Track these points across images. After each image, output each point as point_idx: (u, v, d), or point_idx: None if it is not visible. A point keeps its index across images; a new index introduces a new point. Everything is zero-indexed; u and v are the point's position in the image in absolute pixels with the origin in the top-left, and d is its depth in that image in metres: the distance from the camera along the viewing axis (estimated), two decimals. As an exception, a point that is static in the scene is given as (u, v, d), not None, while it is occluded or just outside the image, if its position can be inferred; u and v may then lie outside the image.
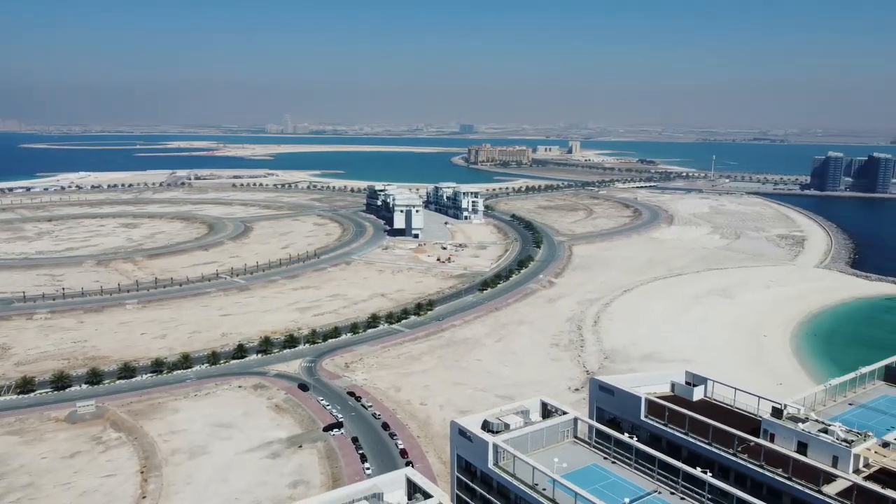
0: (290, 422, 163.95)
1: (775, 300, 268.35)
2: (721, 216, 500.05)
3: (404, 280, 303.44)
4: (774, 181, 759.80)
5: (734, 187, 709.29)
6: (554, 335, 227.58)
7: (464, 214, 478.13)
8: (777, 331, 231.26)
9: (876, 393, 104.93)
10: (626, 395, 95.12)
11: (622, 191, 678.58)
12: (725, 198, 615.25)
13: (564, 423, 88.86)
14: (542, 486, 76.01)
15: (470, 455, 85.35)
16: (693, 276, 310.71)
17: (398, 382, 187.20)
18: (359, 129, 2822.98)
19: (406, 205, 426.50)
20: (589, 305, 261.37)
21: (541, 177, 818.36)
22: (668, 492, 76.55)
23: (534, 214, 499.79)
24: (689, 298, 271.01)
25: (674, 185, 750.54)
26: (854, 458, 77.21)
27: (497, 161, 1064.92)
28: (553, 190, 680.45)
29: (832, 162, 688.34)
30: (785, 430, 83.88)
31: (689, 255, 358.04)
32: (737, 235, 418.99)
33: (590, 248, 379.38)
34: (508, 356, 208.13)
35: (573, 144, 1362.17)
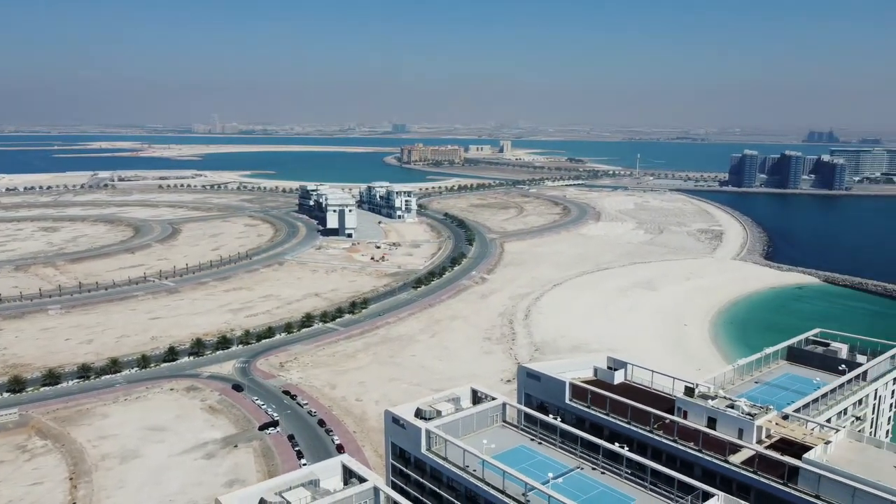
0: (225, 422, 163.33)
1: (695, 291, 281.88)
2: (645, 212, 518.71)
3: (338, 279, 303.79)
4: (695, 178, 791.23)
5: (658, 184, 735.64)
6: (486, 329, 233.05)
7: (397, 213, 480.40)
8: (697, 319, 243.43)
9: (779, 371, 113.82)
10: (551, 381, 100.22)
11: (552, 189, 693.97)
12: (650, 195, 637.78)
13: (493, 409, 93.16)
14: (472, 467, 79.84)
15: (404, 442, 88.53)
16: (619, 269, 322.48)
17: (334, 380, 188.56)
18: (289, 129, 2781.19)
19: (339, 204, 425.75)
20: (520, 300, 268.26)
21: (473, 176, 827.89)
22: (590, 467, 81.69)
23: (466, 213, 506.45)
24: (615, 291, 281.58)
25: (601, 182, 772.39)
26: (757, 429, 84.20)
27: (430, 160, 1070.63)
28: (485, 188, 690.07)
29: (748, 160, 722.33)
30: (696, 408, 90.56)
31: (616, 249, 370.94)
32: (660, 230, 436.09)
33: (521, 244, 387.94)
34: (442, 351, 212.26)
35: (504, 144, 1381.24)
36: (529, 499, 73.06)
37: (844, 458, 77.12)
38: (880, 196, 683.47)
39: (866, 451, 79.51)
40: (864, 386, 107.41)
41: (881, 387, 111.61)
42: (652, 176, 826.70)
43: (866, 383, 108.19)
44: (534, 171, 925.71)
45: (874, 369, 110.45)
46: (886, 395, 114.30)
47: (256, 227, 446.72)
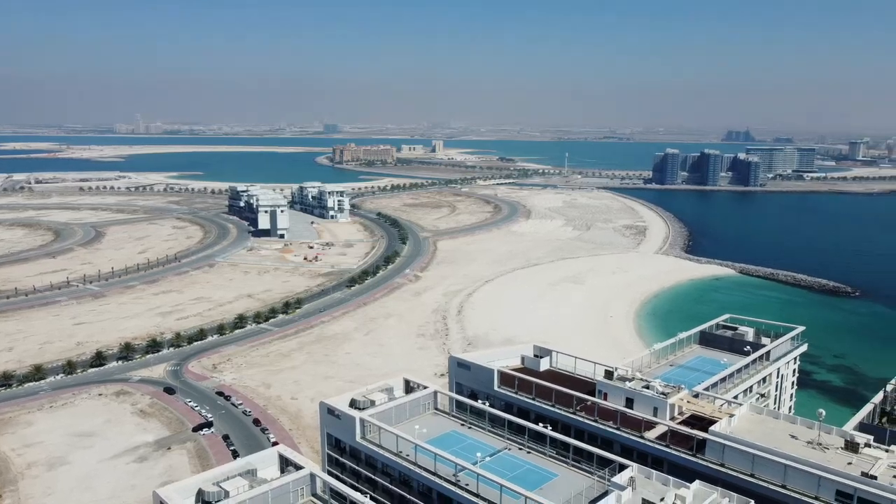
0: (157, 425, 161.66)
1: (621, 284, 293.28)
2: (574, 209, 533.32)
3: (271, 280, 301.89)
4: (621, 176, 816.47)
5: (586, 182, 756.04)
6: (420, 326, 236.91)
7: (330, 213, 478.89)
8: (622, 311, 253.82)
9: (692, 354, 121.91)
10: (480, 370, 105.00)
11: (483, 188, 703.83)
12: (578, 192, 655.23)
13: (426, 397, 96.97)
14: (405, 452, 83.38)
15: (339, 432, 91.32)
16: (548, 265, 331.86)
17: (268, 380, 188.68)
18: (217, 128, 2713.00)
19: (270, 205, 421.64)
20: (453, 296, 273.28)
21: (406, 175, 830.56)
22: (517, 448, 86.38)
23: (399, 212, 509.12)
24: (544, 285, 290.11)
25: (531, 181, 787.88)
26: (669, 407, 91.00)
27: (362, 160, 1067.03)
28: (418, 188, 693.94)
29: (670, 158, 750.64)
30: (615, 389, 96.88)
31: (545, 246, 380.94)
32: (587, 227, 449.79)
33: (453, 242, 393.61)
34: (377, 348, 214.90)
35: (437, 143, 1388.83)
36: (460, 479, 77.12)
37: (746, 430, 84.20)
38: (791, 192, 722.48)
39: (765, 423, 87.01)
40: (767, 365, 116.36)
41: (783, 366, 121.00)
42: (580, 174, 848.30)
43: (769, 363, 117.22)
44: (466, 170, 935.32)
45: (776, 350, 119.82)
46: (788, 373, 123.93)
47: (185, 230, 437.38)
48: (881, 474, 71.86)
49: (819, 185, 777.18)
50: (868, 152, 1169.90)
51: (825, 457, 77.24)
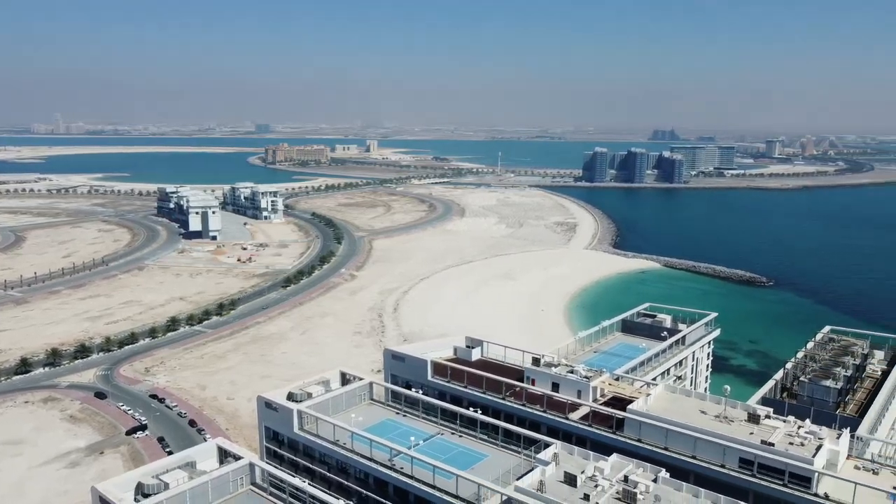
0: (89, 430, 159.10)
1: (552, 279, 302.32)
2: (507, 207, 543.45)
3: (204, 282, 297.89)
4: (553, 175, 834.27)
5: (519, 181, 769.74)
6: (357, 324, 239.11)
7: (263, 214, 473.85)
8: (553, 304, 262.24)
9: (614, 341, 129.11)
10: (414, 361, 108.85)
11: (418, 187, 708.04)
12: (511, 191, 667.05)
13: (361, 388, 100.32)
14: (342, 441, 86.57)
15: (277, 424, 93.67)
16: (482, 262, 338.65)
17: (203, 381, 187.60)
18: (143, 128, 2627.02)
19: (202, 206, 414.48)
20: (389, 294, 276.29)
21: (340, 175, 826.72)
22: (450, 433, 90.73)
23: (334, 212, 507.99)
24: (478, 282, 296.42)
25: (465, 180, 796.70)
26: (592, 389, 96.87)
27: (295, 160, 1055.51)
28: (352, 188, 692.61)
29: (599, 157, 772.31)
30: (542, 375, 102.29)
31: (479, 243, 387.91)
32: (520, 224, 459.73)
33: (389, 241, 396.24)
34: (313, 346, 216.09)
35: (371, 143, 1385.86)
36: (395, 463, 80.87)
37: (661, 408, 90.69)
38: (713, 188, 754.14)
39: (678, 401, 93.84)
40: (683, 349, 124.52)
41: (698, 349, 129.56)
42: (513, 173, 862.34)
43: (685, 347, 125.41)
44: (400, 169, 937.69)
45: (691, 335, 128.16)
46: (702, 356, 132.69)
47: (112, 233, 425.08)
48: (778, 442, 79.14)
49: (738, 181, 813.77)
50: (783, 150, 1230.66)
51: (730, 428, 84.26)
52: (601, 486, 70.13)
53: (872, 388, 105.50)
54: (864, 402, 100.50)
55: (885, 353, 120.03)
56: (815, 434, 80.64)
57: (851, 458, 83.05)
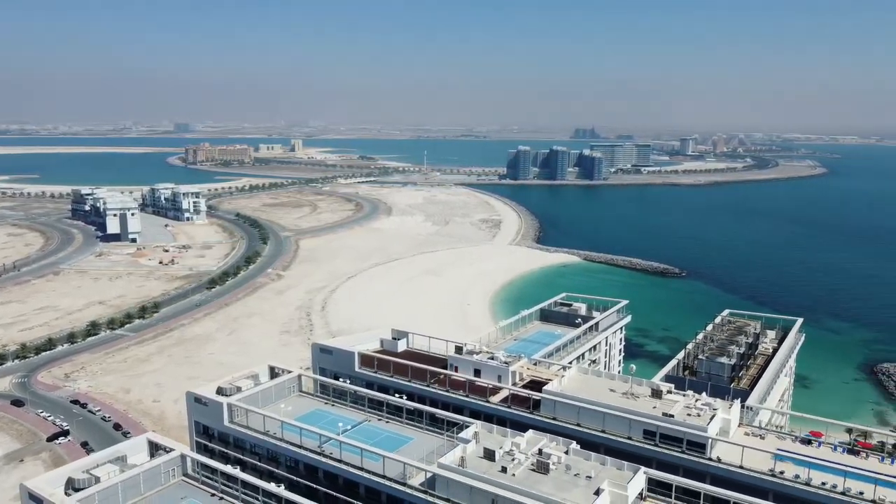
0: (6, 439, 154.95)
1: (477, 274, 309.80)
2: (433, 206, 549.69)
3: (125, 285, 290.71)
4: (478, 173, 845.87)
5: (445, 180, 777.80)
6: (284, 323, 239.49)
7: (185, 215, 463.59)
8: (478, 299, 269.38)
9: (533, 329, 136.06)
10: (342, 353, 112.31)
11: (345, 186, 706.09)
12: (437, 189, 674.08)
13: (290, 380, 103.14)
14: (272, 431, 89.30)
15: (206, 418, 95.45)
16: (409, 259, 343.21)
17: (127, 384, 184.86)
18: (53, 128, 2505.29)
19: (120, 208, 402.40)
20: (317, 293, 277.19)
21: (264, 175, 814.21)
22: (377, 419, 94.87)
23: (259, 212, 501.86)
24: (405, 278, 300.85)
25: (392, 179, 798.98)
26: (511, 374, 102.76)
27: (218, 160, 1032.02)
28: (278, 187, 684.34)
29: (522, 155, 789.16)
30: (464, 362, 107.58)
31: (406, 241, 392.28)
32: (446, 222, 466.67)
33: (316, 241, 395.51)
34: (241, 346, 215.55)
35: (296, 143, 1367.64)
36: (324, 449, 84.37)
37: (574, 388, 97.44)
38: (631, 185, 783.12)
39: (589, 381, 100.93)
40: (596, 335, 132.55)
41: (610, 335, 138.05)
42: (439, 172, 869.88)
43: (598, 332, 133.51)
44: (326, 169, 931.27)
45: (604, 321, 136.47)
46: (615, 341, 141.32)
47: (23, 237, 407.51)
48: (678, 413, 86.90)
49: (654, 178, 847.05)
50: (697, 148, 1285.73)
51: (636, 404, 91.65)
52: (518, 460, 75.74)
53: (763, 363, 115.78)
54: (756, 376, 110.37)
55: (776, 333, 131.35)
56: (710, 405, 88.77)
57: (742, 425, 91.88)
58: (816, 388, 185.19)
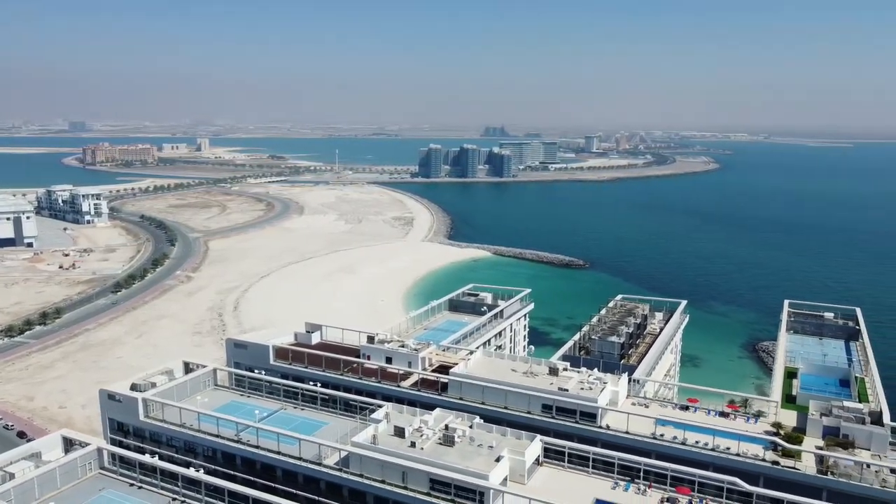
0: None
1: (391, 271, 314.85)
2: (346, 204, 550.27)
3: (22, 292, 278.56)
4: (390, 171, 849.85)
5: (357, 178, 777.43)
6: (195, 324, 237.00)
7: (86, 218, 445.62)
8: (392, 294, 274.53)
9: (442, 319, 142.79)
10: (256, 347, 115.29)
11: (255, 186, 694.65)
12: (349, 188, 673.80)
13: (205, 374, 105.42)
14: (189, 423, 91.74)
15: (121, 415, 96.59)
16: (322, 257, 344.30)
17: (30, 392, 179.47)
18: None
19: (13, 211, 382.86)
20: (228, 294, 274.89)
21: (170, 175, 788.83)
22: (292, 407, 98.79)
23: (166, 213, 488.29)
24: (320, 277, 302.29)
25: (303, 178, 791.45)
26: (421, 360, 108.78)
27: (119, 161, 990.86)
28: (184, 188, 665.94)
29: (433, 153, 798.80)
30: (376, 351, 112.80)
31: (319, 240, 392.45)
32: (359, 220, 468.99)
33: (226, 241, 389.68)
34: (150, 349, 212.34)
35: (202, 142, 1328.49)
36: (241, 437, 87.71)
37: (479, 370, 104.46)
38: (539, 181, 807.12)
39: (493, 363, 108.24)
40: (501, 322, 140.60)
41: (515, 322, 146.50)
42: (351, 170, 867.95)
43: (503, 319, 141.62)
44: (235, 168, 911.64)
45: (508, 309, 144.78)
46: (519, 327, 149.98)
47: None
48: (572, 388, 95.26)
49: (561, 174, 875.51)
50: (601, 145, 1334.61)
51: (535, 381, 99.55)
52: (426, 435, 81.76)
53: (651, 342, 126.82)
54: (644, 353, 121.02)
55: (664, 315, 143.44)
56: (601, 380, 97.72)
57: (630, 397, 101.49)
58: (705, 365, 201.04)
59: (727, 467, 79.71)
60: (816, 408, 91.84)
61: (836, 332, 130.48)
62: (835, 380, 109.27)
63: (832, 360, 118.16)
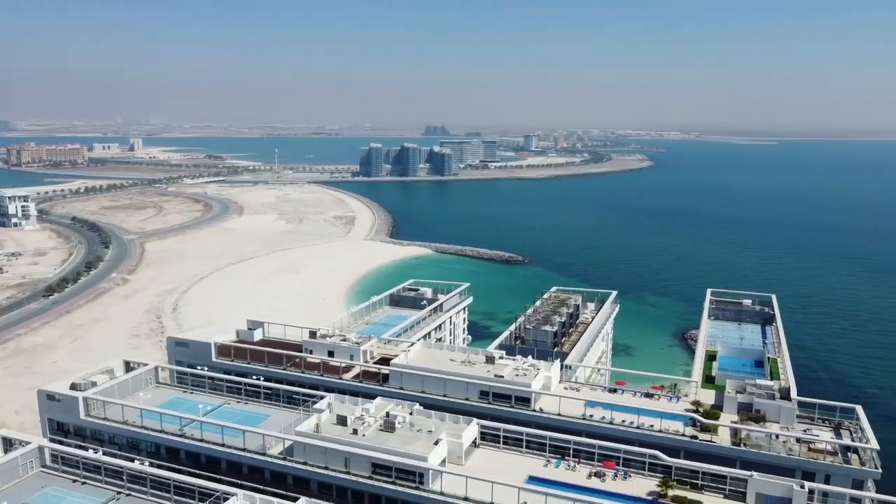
0: None
1: (333, 269, 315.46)
2: (286, 204, 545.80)
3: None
4: (331, 171, 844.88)
5: (297, 178, 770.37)
6: (133, 327, 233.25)
7: (13, 221, 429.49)
8: (334, 293, 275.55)
9: (384, 313, 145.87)
10: (198, 345, 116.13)
11: (192, 186, 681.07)
12: (290, 188, 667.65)
13: (147, 372, 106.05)
14: (132, 420, 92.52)
15: (61, 415, 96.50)
16: (263, 258, 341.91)
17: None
18: None
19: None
20: (167, 295, 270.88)
21: (102, 176, 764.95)
22: (235, 402, 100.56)
23: (99, 215, 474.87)
24: (261, 277, 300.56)
25: (242, 178, 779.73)
26: (362, 353, 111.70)
27: (46, 161, 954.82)
28: (118, 189, 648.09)
29: (374, 152, 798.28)
30: (318, 346, 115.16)
31: (259, 240, 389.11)
32: (300, 220, 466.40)
33: (163, 243, 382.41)
34: (86, 353, 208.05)
35: (135, 142, 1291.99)
36: (185, 431, 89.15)
37: (419, 360, 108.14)
38: (479, 179, 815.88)
39: (433, 354, 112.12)
40: (441, 315, 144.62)
41: (454, 315, 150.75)
42: (291, 170, 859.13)
43: (443, 313, 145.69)
44: (171, 169, 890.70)
45: (448, 303, 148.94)
46: (458, 321, 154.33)
47: None
48: (507, 375, 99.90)
49: (501, 172, 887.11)
50: (540, 144, 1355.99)
51: (472, 370, 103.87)
52: (367, 423, 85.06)
53: (583, 330, 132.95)
54: (576, 341, 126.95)
55: (595, 305, 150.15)
56: (535, 367, 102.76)
57: (563, 382, 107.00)
58: (637, 354, 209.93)
59: (650, 443, 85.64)
60: (732, 386, 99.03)
61: (754, 317, 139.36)
62: (750, 361, 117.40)
63: (749, 343, 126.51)
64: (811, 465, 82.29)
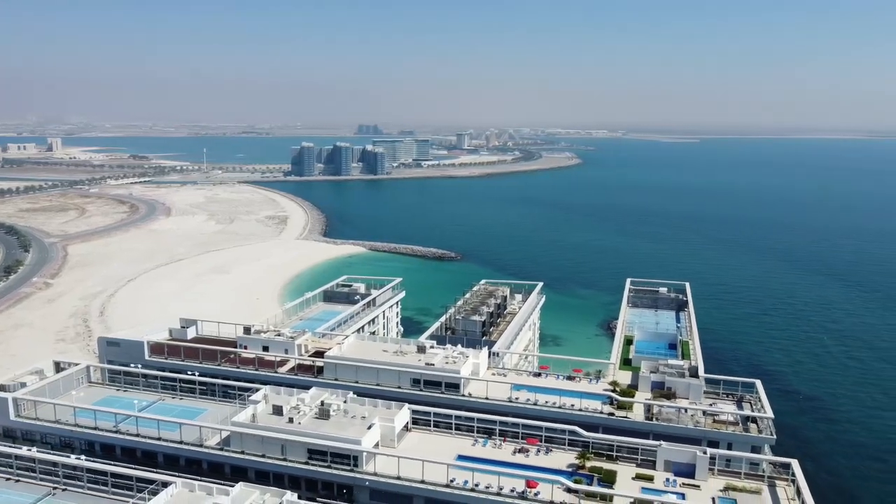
0: None
1: (266, 269, 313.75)
2: (216, 204, 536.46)
3: None
4: (262, 170, 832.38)
5: (227, 178, 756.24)
6: (58, 331, 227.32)
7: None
8: (268, 292, 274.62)
9: (318, 309, 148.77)
10: (130, 344, 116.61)
11: (116, 187, 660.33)
12: (219, 188, 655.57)
13: (79, 372, 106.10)
14: (65, 419, 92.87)
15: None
16: (194, 259, 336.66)
17: None
18: None
19: None
20: (93, 299, 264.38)
21: (18, 178, 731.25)
22: (170, 397, 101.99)
23: (16, 218, 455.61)
24: (192, 278, 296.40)
25: (169, 178, 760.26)
26: (297, 347, 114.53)
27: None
28: (36, 191, 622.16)
29: (306, 151, 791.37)
30: (252, 341, 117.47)
31: (189, 241, 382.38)
32: (231, 220, 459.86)
33: (87, 245, 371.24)
34: (9, 359, 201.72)
35: (53, 141, 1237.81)
36: (120, 427, 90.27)
37: (352, 352, 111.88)
38: (412, 178, 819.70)
39: (366, 346, 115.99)
40: (374, 309, 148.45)
41: (387, 309, 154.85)
42: (220, 170, 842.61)
43: (376, 307, 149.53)
44: (93, 169, 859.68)
45: (380, 297, 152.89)
46: (392, 315, 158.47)
47: None
48: (438, 363, 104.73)
49: (433, 171, 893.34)
50: (472, 142, 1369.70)
51: (404, 359, 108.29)
52: (303, 412, 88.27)
53: (510, 320, 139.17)
54: (503, 330, 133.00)
55: (523, 296, 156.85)
56: (464, 354, 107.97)
57: (490, 368, 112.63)
58: (565, 343, 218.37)
59: (571, 420, 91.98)
60: (646, 367, 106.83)
61: (669, 303, 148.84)
62: (664, 344, 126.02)
63: (664, 327, 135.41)
64: (715, 434, 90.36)
